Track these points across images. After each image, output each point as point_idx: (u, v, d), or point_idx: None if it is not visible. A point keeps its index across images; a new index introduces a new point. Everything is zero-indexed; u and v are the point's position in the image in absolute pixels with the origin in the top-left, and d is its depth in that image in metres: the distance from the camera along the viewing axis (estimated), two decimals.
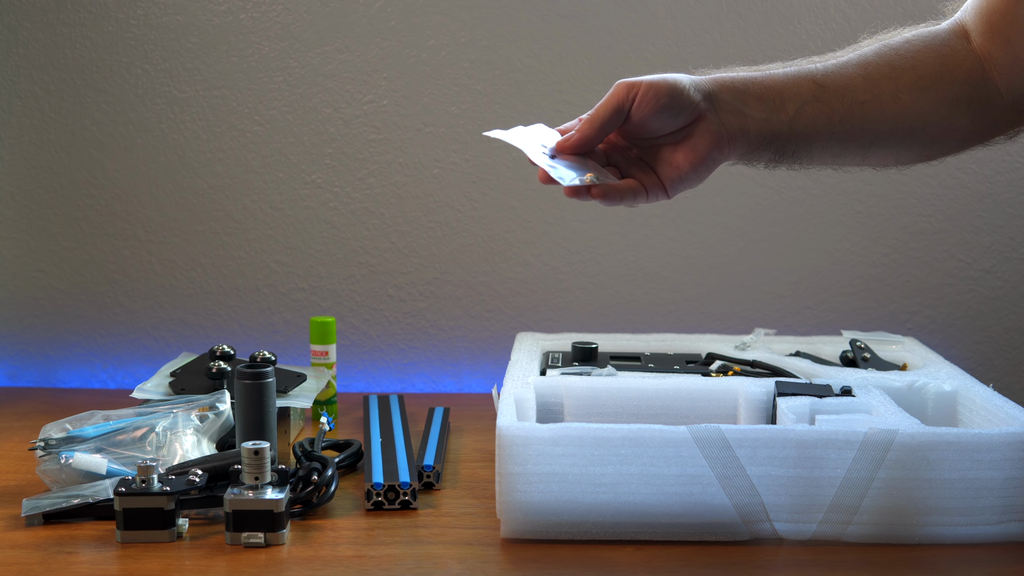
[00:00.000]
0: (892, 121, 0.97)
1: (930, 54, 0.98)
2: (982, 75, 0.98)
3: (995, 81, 0.98)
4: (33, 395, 1.47)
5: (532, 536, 0.96)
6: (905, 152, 1.01)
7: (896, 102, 0.96)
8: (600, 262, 1.51)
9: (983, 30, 0.98)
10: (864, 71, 0.97)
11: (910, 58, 0.98)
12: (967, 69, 0.98)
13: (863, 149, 0.99)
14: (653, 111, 0.94)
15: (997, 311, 1.52)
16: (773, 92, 0.95)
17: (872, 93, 0.96)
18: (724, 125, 0.95)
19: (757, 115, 0.95)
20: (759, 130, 0.95)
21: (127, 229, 1.51)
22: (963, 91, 0.97)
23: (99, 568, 0.91)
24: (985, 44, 0.98)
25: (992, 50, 0.97)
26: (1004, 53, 0.97)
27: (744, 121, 0.95)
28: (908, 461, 0.94)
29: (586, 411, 1.12)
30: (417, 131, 1.49)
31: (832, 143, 0.98)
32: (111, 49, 1.48)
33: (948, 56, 0.98)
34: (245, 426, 1.06)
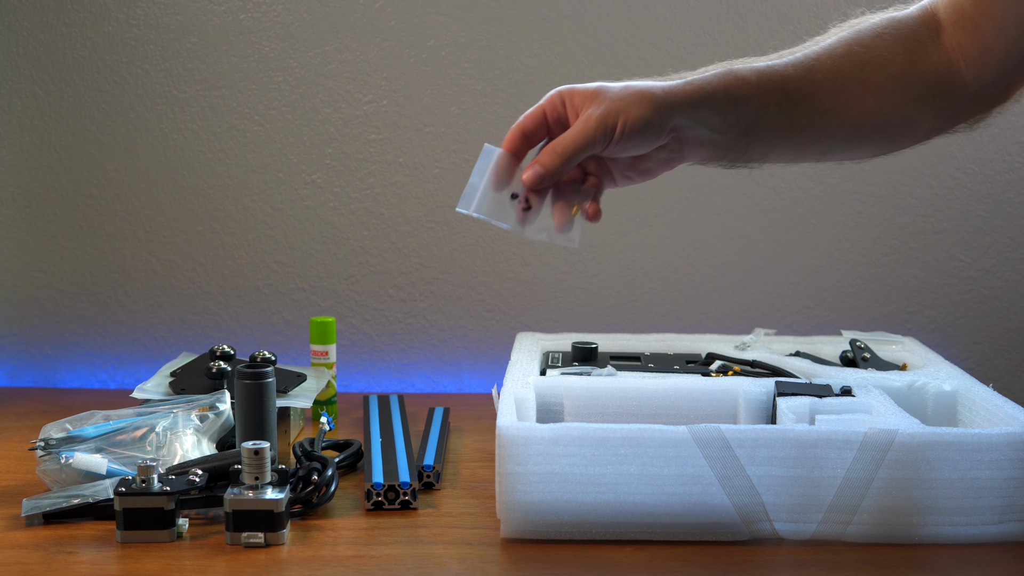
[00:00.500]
0: (853, 126, 0.97)
1: (899, 49, 0.97)
2: (949, 70, 0.97)
3: (962, 72, 0.97)
4: (33, 395, 1.47)
5: (532, 536, 0.96)
6: (862, 151, 1.02)
7: (860, 107, 0.96)
8: (600, 262, 1.51)
9: (955, 19, 0.97)
10: (834, 74, 0.96)
11: (879, 56, 0.97)
12: (934, 65, 0.97)
13: (819, 154, 1.01)
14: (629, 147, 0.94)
15: (997, 311, 1.52)
16: (739, 106, 0.94)
17: (837, 100, 0.96)
18: (683, 147, 0.95)
19: (716, 134, 0.95)
20: (717, 147, 0.96)
21: (127, 229, 1.51)
22: (928, 89, 0.97)
23: (99, 568, 0.91)
24: (956, 34, 0.97)
25: (962, 39, 0.97)
26: (974, 43, 0.96)
27: (704, 141, 0.95)
28: (908, 461, 0.94)
29: (586, 411, 1.12)
30: (417, 131, 1.49)
31: (789, 152, 0.99)
32: (111, 49, 1.48)
33: (917, 51, 0.97)
34: (245, 426, 1.06)
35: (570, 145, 0.93)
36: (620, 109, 0.92)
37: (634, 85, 0.94)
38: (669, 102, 0.93)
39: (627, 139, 0.92)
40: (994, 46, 0.95)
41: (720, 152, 0.97)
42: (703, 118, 0.94)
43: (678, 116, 0.93)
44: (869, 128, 0.98)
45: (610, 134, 0.92)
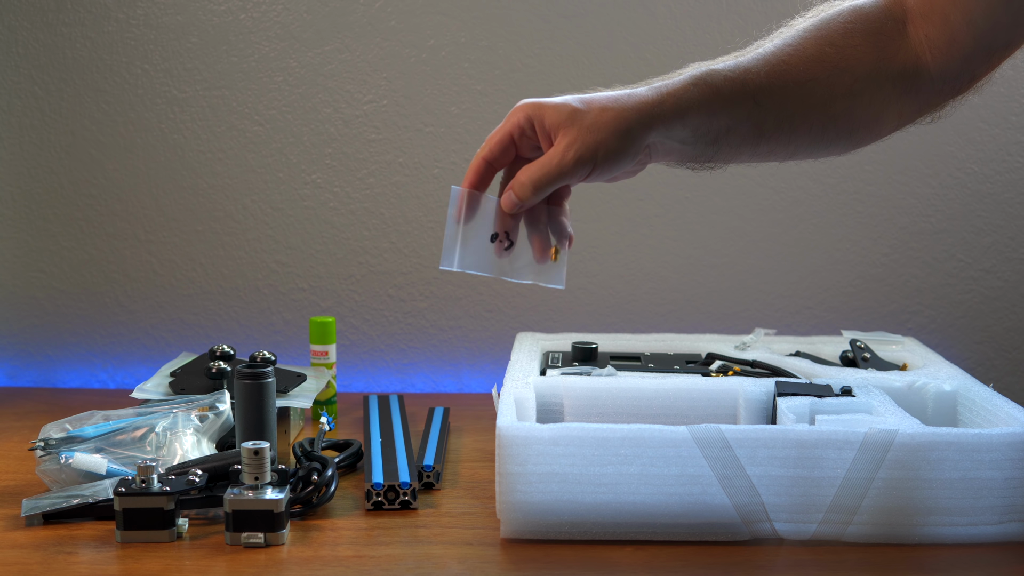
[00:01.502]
0: (819, 130, 0.97)
1: (868, 47, 0.96)
2: (915, 63, 0.96)
3: (928, 64, 0.96)
4: (33, 395, 1.47)
5: (532, 536, 0.96)
6: (827, 152, 1.01)
7: (827, 111, 0.96)
8: (600, 262, 1.51)
9: (924, 10, 0.96)
10: (803, 78, 0.96)
11: (849, 55, 0.96)
12: (901, 60, 0.96)
13: (784, 158, 1.00)
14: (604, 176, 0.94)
15: (997, 311, 1.52)
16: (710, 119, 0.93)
17: (806, 104, 0.96)
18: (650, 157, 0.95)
19: (684, 145, 0.94)
20: (683, 155, 0.96)
21: (127, 229, 1.51)
22: (895, 86, 0.97)
23: (99, 568, 0.91)
24: (923, 24, 0.96)
25: (930, 31, 0.96)
26: (942, 34, 0.95)
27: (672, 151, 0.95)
28: (908, 461, 0.94)
29: (586, 411, 1.12)
30: (417, 131, 1.49)
31: (754, 157, 0.99)
32: (111, 49, 1.48)
33: (885, 46, 0.97)
34: (245, 426, 1.06)
35: (544, 177, 0.92)
36: (599, 142, 0.91)
37: (609, 106, 0.92)
38: (644, 124, 0.92)
39: (604, 171, 0.93)
40: (962, 37, 0.95)
41: (685, 159, 0.97)
42: (673, 133, 0.94)
43: (651, 136, 0.93)
44: (835, 131, 0.98)
45: (588, 169, 0.92)
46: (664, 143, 0.94)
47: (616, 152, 0.91)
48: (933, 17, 0.96)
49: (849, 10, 0.98)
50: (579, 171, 0.92)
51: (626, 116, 0.91)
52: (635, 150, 0.92)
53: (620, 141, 0.91)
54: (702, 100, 0.93)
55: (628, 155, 0.92)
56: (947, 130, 1.48)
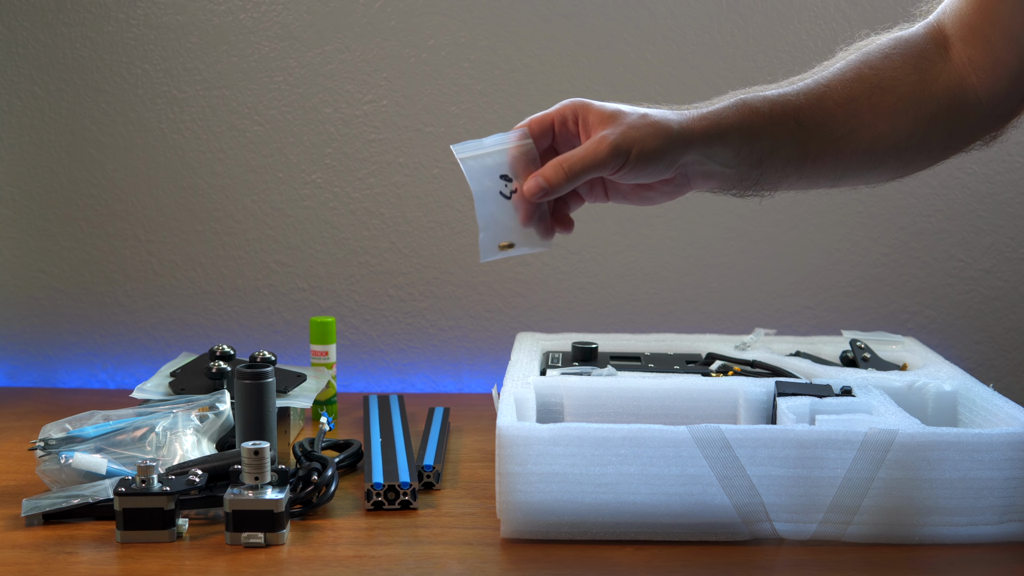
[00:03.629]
0: (867, 151, 0.96)
1: (909, 69, 0.96)
2: (960, 85, 0.96)
3: (975, 87, 0.96)
4: (33, 395, 1.47)
5: (532, 536, 0.96)
6: (878, 175, 1.00)
7: (872, 131, 0.95)
8: (600, 262, 1.51)
9: (963, 34, 0.96)
10: (845, 100, 0.95)
11: (889, 78, 0.96)
12: (945, 81, 0.96)
13: (833, 180, 0.99)
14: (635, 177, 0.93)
15: (997, 311, 1.52)
16: (753, 139, 0.93)
17: (849, 126, 0.95)
18: (689, 180, 0.95)
19: (727, 168, 0.94)
20: (727, 179, 0.95)
21: (127, 229, 1.51)
22: (941, 107, 0.96)
23: (99, 568, 0.91)
24: (965, 48, 0.96)
25: (972, 53, 0.96)
26: (985, 55, 0.95)
27: (713, 174, 0.94)
28: (908, 461, 0.94)
29: (586, 411, 1.12)
30: (417, 131, 1.49)
31: (802, 180, 0.98)
32: (111, 49, 1.48)
33: (927, 68, 0.96)
34: (245, 426, 1.06)
35: (578, 164, 0.91)
36: (635, 138, 0.90)
37: (651, 114, 0.92)
38: (684, 137, 0.92)
39: (636, 168, 0.91)
40: (1006, 57, 0.94)
41: (730, 184, 0.96)
42: (715, 153, 0.93)
43: (691, 152, 0.92)
44: (883, 151, 0.96)
45: (621, 161, 0.91)
46: (706, 165, 0.93)
47: (652, 152, 0.91)
48: (974, 40, 0.95)
49: (888, 39, 0.99)
50: (612, 162, 0.90)
51: (668, 125, 0.91)
52: (671, 158, 0.91)
53: (658, 143, 0.91)
54: (742, 120, 0.93)
55: (663, 160, 0.91)
56: None
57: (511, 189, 0.95)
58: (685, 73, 1.48)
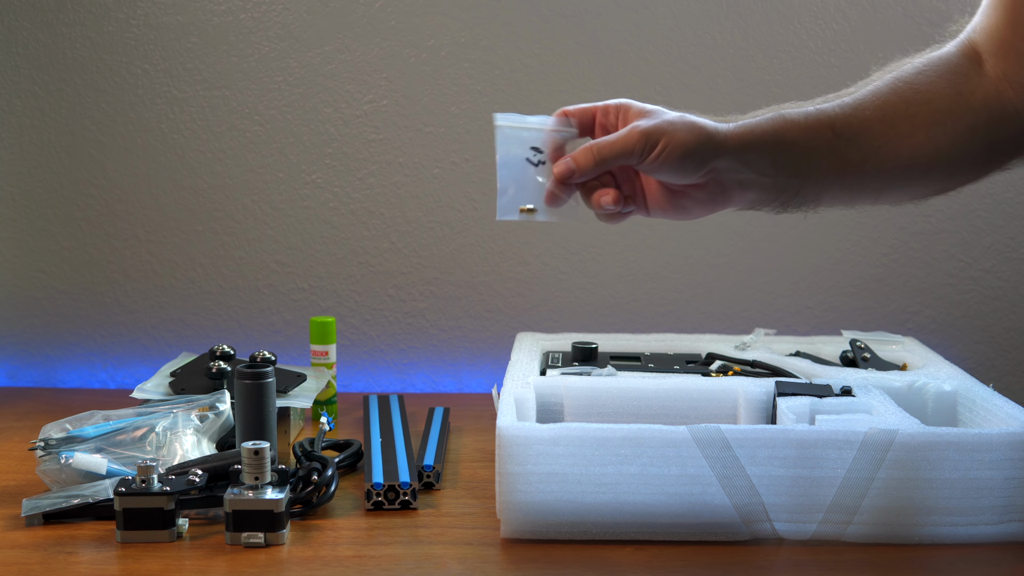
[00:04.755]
0: (907, 162, 0.96)
1: (944, 83, 0.96)
2: (998, 98, 0.96)
3: (1013, 101, 0.96)
4: (33, 395, 1.47)
5: (532, 536, 0.96)
6: (921, 189, 1.00)
7: (912, 141, 0.95)
8: (600, 262, 1.51)
9: (995, 48, 0.96)
10: (881, 112, 0.95)
11: (924, 91, 0.96)
12: (982, 95, 0.96)
13: (876, 192, 0.99)
14: (665, 169, 0.93)
15: (997, 311, 1.52)
16: (789, 147, 0.94)
17: (888, 136, 0.95)
18: (725, 190, 0.95)
19: (766, 177, 0.94)
20: (767, 190, 0.95)
21: (127, 229, 1.51)
22: (979, 118, 0.96)
23: (99, 568, 0.91)
24: (999, 63, 0.96)
25: (1007, 68, 0.95)
26: (1019, 68, 0.95)
27: (751, 184, 0.95)
28: (908, 461, 0.94)
29: (586, 411, 1.12)
30: (417, 131, 1.49)
31: (844, 192, 0.98)
32: (111, 49, 1.48)
33: (962, 83, 0.96)
34: (245, 426, 1.06)
35: (607, 148, 0.92)
36: (667, 130, 0.91)
37: (689, 116, 0.93)
38: (717, 140, 0.92)
39: (665, 160, 0.91)
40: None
41: (770, 195, 0.96)
42: (751, 160, 0.93)
43: (723, 158, 0.92)
44: (924, 163, 0.96)
45: (650, 149, 0.91)
46: (741, 173, 0.94)
47: (684, 146, 0.91)
48: (1007, 54, 0.95)
49: (921, 59, 0.99)
50: (641, 148, 0.91)
51: (702, 126, 0.92)
52: (702, 155, 0.92)
53: (692, 138, 0.91)
54: (778, 129, 0.94)
55: (695, 158, 0.91)
56: None
57: (539, 160, 0.96)
58: (685, 73, 1.48)
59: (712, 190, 0.95)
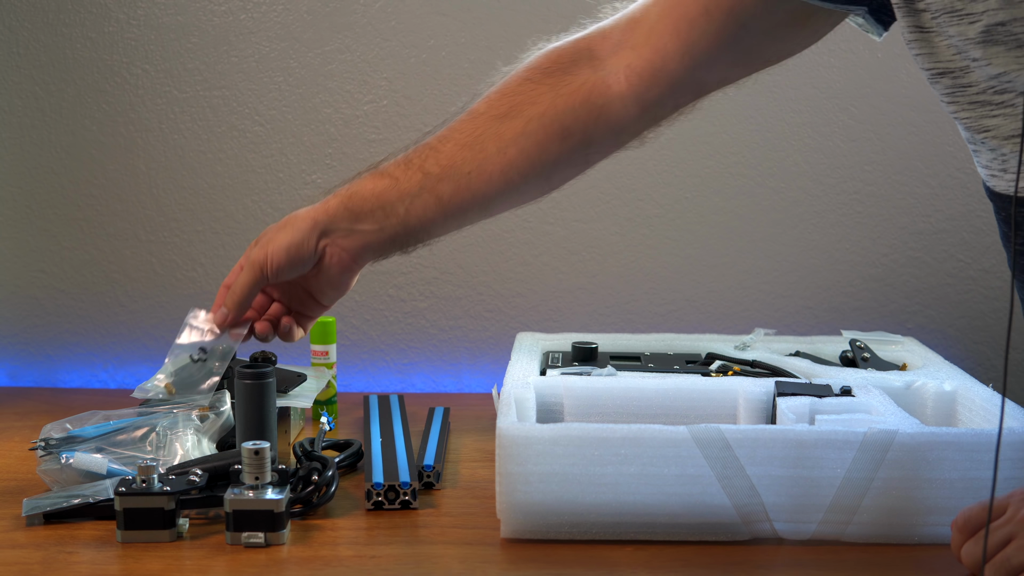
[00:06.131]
0: (501, 179, 1.00)
1: (544, 89, 1.00)
2: (603, 93, 0.98)
3: (622, 93, 0.98)
4: (33, 395, 1.47)
5: (532, 536, 0.96)
6: (523, 196, 1.04)
7: (502, 159, 0.99)
8: (600, 262, 1.51)
9: (622, 40, 0.99)
10: (471, 136, 1.00)
11: (520, 101, 1.00)
12: (585, 92, 0.99)
13: (481, 211, 1.04)
14: (285, 272, 1.04)
15: (997, 311, 1.52)
16: (383, 200, 1.01)
17: (476, 161, 0.99)
18: (346, 251, 1.03)
19: (371, 228, 1.02)
20: (377, 240, 1.03)
21: (127, 229, 1.51)
22: (577, 118, 0.99)
23: (99, 568, 0.91)
24: (626, 54, 0.98)
25: (632, 59, 0.97)
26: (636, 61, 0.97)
27: (362, 239, 1.03)
28: (908, 461, 0.94)
29: (586, 411, 1.12)
30: (417, 131, 1.49)
31: (450, 221, 1.03)
32: (111, 49, 1.48)
33: (564, 84, 1.00)
34: (245, 426, 1.06)
35: (238, 286, 1.05)
36: (268, 239, 1.03)
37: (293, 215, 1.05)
38: (317, 220, 1.03)
39: (275, 265, 1.03)
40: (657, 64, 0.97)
41: (382, 248, 1.04)
42: (349, 224, 1.02)
43: (324, 233, 1.03)
44: (519, 174, 1.00)
45: (266, 271, 1.03)
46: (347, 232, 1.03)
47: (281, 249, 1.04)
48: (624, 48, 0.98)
49: (541, 54, 1.03)
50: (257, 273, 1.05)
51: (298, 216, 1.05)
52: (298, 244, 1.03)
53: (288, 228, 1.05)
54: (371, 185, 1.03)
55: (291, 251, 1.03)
56: (947, 130, 1.48)
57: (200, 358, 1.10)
58: None
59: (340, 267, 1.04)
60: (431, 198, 1.00)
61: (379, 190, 1.02)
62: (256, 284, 1.04)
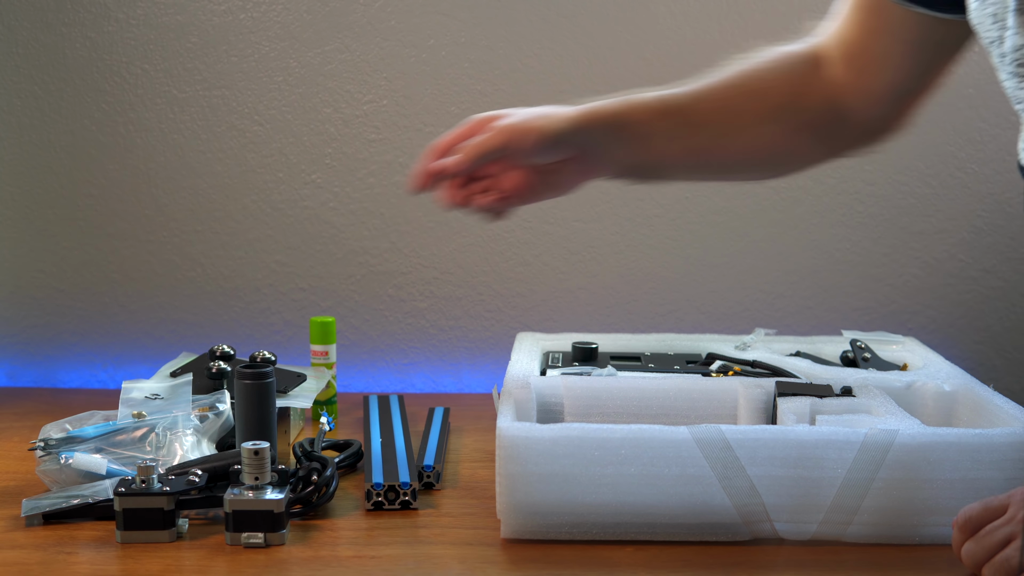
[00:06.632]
0: (744, 150, 1.06)
1: (782, 83, 1.05)
2: (832, 103, 1.03)
3: (851, 106, 1.03)
4: (33, 395, 1.47)
5: (532, 536, 0.96)
6: (758, 173, 1.14)
7: (749, 133, 1.04)
8: (600, 262, 1.51)
9: (840, 59, 1.03)
10: (722, 101, 1.04)
11: (764, 87, 1.05)
12: (817, 98, 1.04)
13: (716, 174, 1.12)
14: (531, 154, 1.02)
15: (997, 311, 1.52)
16: (639, 126, 1.03)
17: (728, 126, 1.04)
18: (591, 162, 1.04)
19: (620, 150, 1.03)
20: (622, 162, 1.04)
21: (127, 229, 1.51)
22: (811, 119, 1.04)
23: (99, 568, 0.91)
24: (841, 72, 1.03)
25: (848, 78, 1.02)
26: (858, 82, 1.02)
27: (608, 157, 1.03)
28: (908, 461, 0.94)
29: (586, 411, 1.12)
30: (417, 131, 1.49)
31: (690, 172, 1.10)
32: (111, 49, 1.48)
33: (799, 84, 1.04)
34: (245, 426, 1.06)
35: (479, 147, 1.03)
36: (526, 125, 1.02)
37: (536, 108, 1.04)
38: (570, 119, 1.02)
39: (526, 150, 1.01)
40: (878, 84, 1.01)
41: (622, 172, 1.05)
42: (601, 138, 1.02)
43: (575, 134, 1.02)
44: (759, 153, 1.06)
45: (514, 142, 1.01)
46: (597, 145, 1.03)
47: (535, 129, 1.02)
48: (850, 68, 1.03)
49: (771, 53, 1.07)
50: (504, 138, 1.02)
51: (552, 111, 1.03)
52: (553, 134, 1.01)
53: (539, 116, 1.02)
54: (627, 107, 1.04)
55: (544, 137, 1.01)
56: (947, 130, 1.48)
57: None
58: (685, 73, 1.47)
59: (573, 165, 1.04)
60: (683, 144, 1.04)
61: (637, 115, 1.03)
62: (497, 150, 1.02)
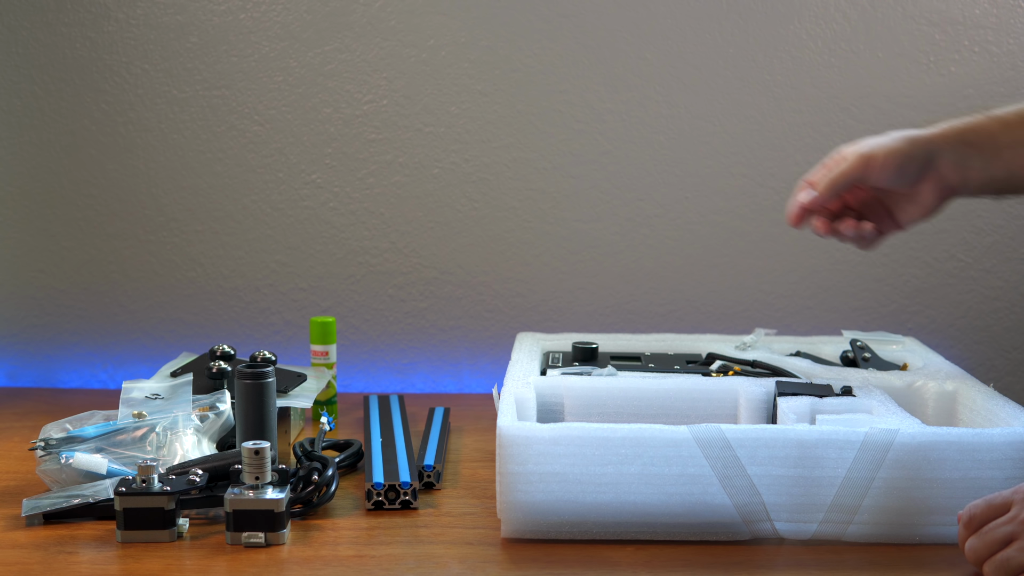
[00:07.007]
0: None
1: None
2: None
3: None
4: (33, 395, 1.47)
5: (532, 536, 0.96)
6: None
7: None
8: (600, 262, 1.51)
9: None
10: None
11: None
12: None
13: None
14: (889, 177, 1.05)
15: (997, 311, 1.52)
16: (990, 139, 1.05)
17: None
18: (946, 180, 1.06)
19: (976, 165, 1.05)
20: (979, 178, 1.06)
21: (127, 229, 1.51)
22: None
23: (99, 568, 0.91)
24: None
25: None
26: None
27: (965, 173, 1.06)
28: (908, 461, 0.94)
29: (586, 411, 1.12)
30: (417, 131, 1.49)
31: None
32: (111, 49, 1.48)
33: None
34: (245, 426, 1.06)
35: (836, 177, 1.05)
36: (883, 151, 1.04)
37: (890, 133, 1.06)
38: (924, 140, 1.05)
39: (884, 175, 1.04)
40: None
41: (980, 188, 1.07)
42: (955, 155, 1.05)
43: (930, 154, 1.04)
44: None
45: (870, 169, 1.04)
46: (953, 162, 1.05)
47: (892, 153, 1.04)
48: None
49: None
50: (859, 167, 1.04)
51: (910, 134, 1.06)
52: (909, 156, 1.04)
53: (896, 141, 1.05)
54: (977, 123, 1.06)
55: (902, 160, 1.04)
56: None
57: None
58: (685, 73, 1.48)
59: (936, 195, 1.07)
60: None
61: (988, 129, 1.06)
62: (854, 177, 1.05)
